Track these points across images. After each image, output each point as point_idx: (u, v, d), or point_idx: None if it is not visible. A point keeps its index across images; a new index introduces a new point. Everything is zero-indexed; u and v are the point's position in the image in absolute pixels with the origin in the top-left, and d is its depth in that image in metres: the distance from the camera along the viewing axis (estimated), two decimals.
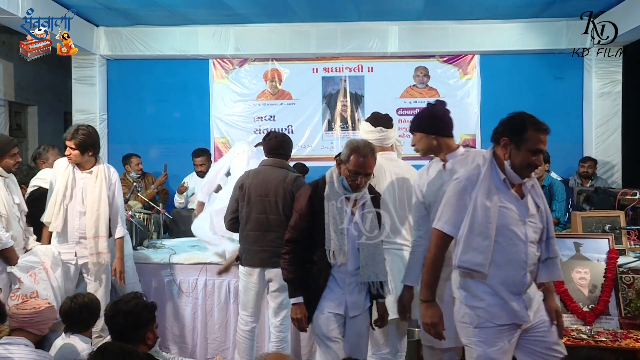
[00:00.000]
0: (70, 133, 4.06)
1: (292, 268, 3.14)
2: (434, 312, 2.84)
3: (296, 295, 3.14)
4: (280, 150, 4.00)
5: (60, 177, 4.12)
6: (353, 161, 3.06)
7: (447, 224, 2.71)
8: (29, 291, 3.89)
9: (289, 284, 3.17)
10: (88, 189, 4.10)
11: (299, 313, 3.12)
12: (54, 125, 8.93)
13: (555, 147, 6.08)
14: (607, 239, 4.27)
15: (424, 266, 2.86)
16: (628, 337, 3.70)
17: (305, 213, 3.15)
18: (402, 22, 7.40)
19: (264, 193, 3.82)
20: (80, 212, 4.11)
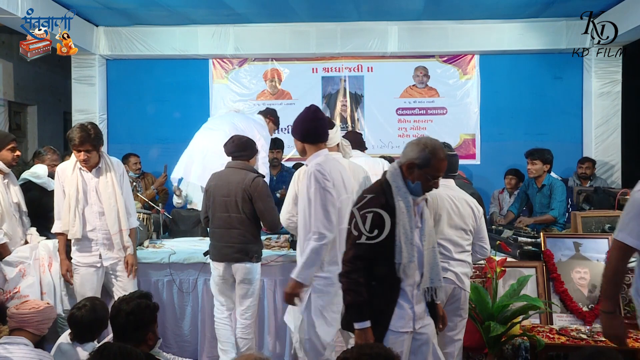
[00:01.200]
0: (80, 137, 3.85)
1: (361, 289, 2.73)
2: (618, 324, 2.73)
3: (364, 319, 2.73)
4: (241, 152, 4.20)
5: (69, 183, 3.97)
6: (435, 164, 2.81)
7: (630, 236, 2.62)
8: (13, 287, 3.91)
9: (358, 307, 2.75)
10: (100, 187, 3.99)
11: (369, 338, 2.73)
12: (53, 125, 8.93)
13: (555, 147, 6.11)
14: (606, 238, 4.28)
15: (603, 277, 2.76)
16: (628, 337, 3.70)
17: (376, 223, 2.78)
18: (402, 22, 7.40)
19: (226, 194, 4.04)
20: (99, 213, 4.01)
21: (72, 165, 4.01)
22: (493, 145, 7.71)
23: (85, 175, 4.02)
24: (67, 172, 4.01)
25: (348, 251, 2.81)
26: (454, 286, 3.39)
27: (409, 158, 2.83)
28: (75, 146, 3.89)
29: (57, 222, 4.03)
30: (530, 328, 3.89)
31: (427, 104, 7.81)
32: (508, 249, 4.42)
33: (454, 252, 3.42)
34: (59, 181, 4.03)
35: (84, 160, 3.92)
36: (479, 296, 3.71)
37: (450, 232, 3.43)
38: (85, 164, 3.97)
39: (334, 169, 3.32)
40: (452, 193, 3.54)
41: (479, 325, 3.69)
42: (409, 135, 7.78)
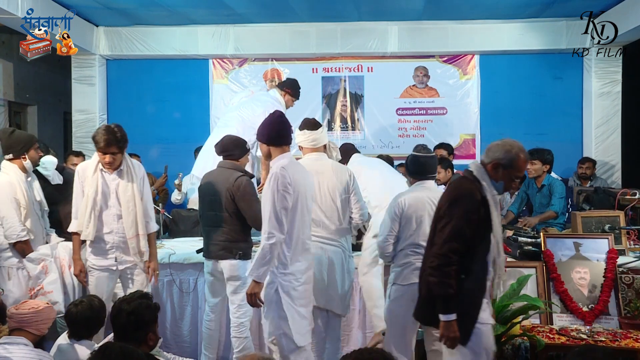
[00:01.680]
0: (106, 139, 3.77)
1: (451, 282, 2.78)
2: None
3: (451, 312, 2.81)
4: (229, 152, 4.26)
5: (89, 183, 3.89)
6: (520, 165, 2.93)
7: None
8: (37, 284, 3.99)
9: (448, 299, 2.81)
10: (120, 190, 3.91)
11: (454, 331, 2.81)
12: (53, 125, 8.93)
13: (555, 147, 6.10)
14: (606, 239, 4.28)
15: None
16: (628, 337, 3.71)
17: (473, 220, 2.82)
18: (402, 22, 7.40)
19: (212, 193, 4.12)
20: (117, 215, 3.92)
21: (94, 166, 3.91)
22: None
23: (107, 177, 3.93)
24: (88, 173, 3.91)
25: (443, 245, 2.82)
26: None
27: (494, 158, 2.93)
28: (102, 149, 3.80)
29: (74, 221, 3.95)
30: (530, 328, 3.89)
31: (427, 104, 7.80)
32: (508, 249, 4.43)
33: None
34: (79, 180, 3.94)
35: (109, 162, 3.84)
36: None
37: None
38: (109, 167, 3.89)
39: (297, 172, 3.41)
40: (432, 194, 3.63)
41: None
42: (409, 136, 7.78)
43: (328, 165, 3.85)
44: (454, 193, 2.93)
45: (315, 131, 3.89)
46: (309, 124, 3.94)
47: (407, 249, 3.59)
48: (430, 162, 3.76)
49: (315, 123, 3.95)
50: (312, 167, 3.77)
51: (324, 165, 3.86)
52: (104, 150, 3.81)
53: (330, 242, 3.79)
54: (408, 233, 3.59)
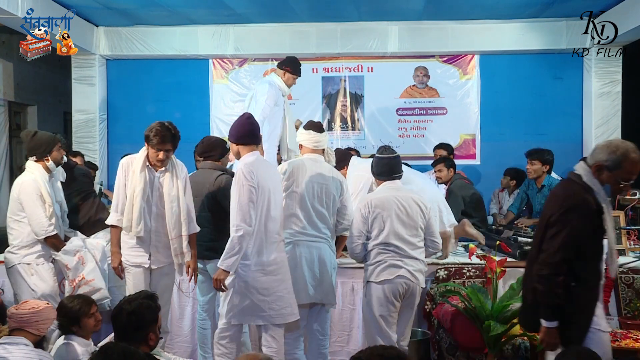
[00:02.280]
0: (163, 136, 3.73)
1: (560, 291, 2.74)
2: None
3: (554, 319, 2.79)
4: (209, 153, 4.35)
5: (135, 179, 3.81)
6: (628, 167, 2.77)
7: None
8: (77, 275, 4.09)
9: (552, 308, 2.79)
10: (165, 189, 3.84)
11: (554, 338, 2.80)
12: (53, 125, 8.93)
13: (555, 147, 6.11)
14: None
15: None
16: (628, 337, 3.71)
17: (587, 230, 2.78)
18: (402, 22, 7.40)
19: (196, 194, 4.14)
20: (156, 214, 3.86)
21: (142, 162, 3.82)
22: (493, 145, 7.70)
23: (152, 175, 3.86)
24: (135, 167, 3.83)
25: (554, 254, 2.76)
26: (409, 282, 3.66)
27: (597, 160, 2.80)
28: (156, 145, 3.74)
29: (114, 214, 3.88)
30: None
31: (427, 104, 7.80)
32: (508, 249, 4.42)
33: (407, 250, 3.68)
34: (123, 173, 3.87)
35: (162, 160, 3.78)
36: (478, 296, 3.72)
37: (402, 231, 3.68)
38: (161, 164, 3.82)
39: (263, 169, 3.56)
40: (398, 194, 3.77)
41: (479, 325, 3.70)
42: (409, 136, 7.79)
43: (326, 170, 3.96)
44: (567, 201, 2.80)
45: (320, 134, 4.00)
46: (315, 125, 4.04)
47: (378, 248, 3.71)
48: (393, 162, 3.86)
49: (320, 126, 4.07)
50: (312, 167, 3.90)
51: (321, 168, 3.96)
52: (160, 147, 3.75)
53: (319, 240, 3.88)
54: (377, 233, 3.71)
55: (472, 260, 4.47)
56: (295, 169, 3.90)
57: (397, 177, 3.87)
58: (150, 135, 3.77)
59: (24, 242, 4.10)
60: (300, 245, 3.82)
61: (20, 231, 4.10)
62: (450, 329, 4.01)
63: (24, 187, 4.07)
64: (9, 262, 4.15)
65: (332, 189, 3.92)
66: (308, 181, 3.86)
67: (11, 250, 4.14)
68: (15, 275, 4.14)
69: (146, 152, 3.85)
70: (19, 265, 4.09)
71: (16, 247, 4.12)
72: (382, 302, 3.65)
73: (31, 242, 4.10)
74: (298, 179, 3.88)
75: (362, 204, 3.81)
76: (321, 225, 3.89)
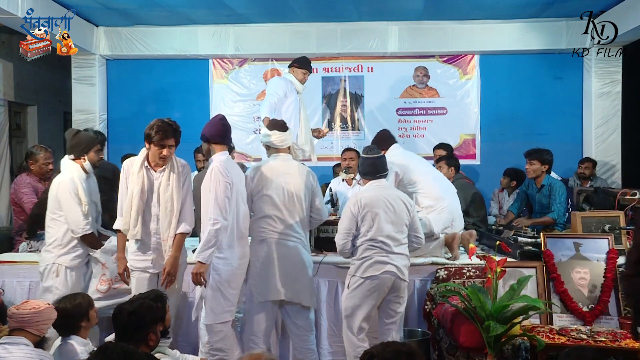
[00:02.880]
0: (165, 131, 3.74)
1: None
2: None
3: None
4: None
5: (134, 180, 3.81)
6: None
7: None
8: (114, 275, 4.10)
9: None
10: (161, 189, 3.82)
11: None
12: (53, 125, 8.93)
13: (555, 147, 6.10)
14: (606, 239, 4.27)
15: None
16: (628, 337, 3.70)
17: None
18: (402, 22, 7.40)
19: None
20: (157, 216, 3.84)
21: (140, 162, 3.82)
22: (493, 145, 7.71)
23: (151, 175, 3.84)
24: (134, 169, 3.83)
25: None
26: (394, 278, 3.80)
27: None
28: (159, 141, 3.72)
29: (119, 219, 3.88)
30: (530, 328, 3.89)
31: (427, 104, 7.81)
32: (508, 249, 4.41)
33: (393, 247, 3.82)
34: (124, 176, 3.89)
35: (165, 156, 3.76)
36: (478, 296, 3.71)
37: (388, 228, 3.82)
38: (164, 162, 3.80)
39: (232, 168, 3.83)
40: (385, 192, 3.93)
41: (479, 325, 3.69)
42: (409, 136, 7.79)
43: (294, 167, 4.10)
44: None
45: (284, 132, 4.12)
46: (278, 125, 4.17)
47: (366, 244, 3.83)
48: (377, 162, 4.00)
49: (284, 124, 4.19)
50: (280, 168, 4.05)
51: (291, 166, 4.09)
52: (162, 143, 3.74)
53: (292, 239, 3.98)
54: (365, 230, 3.83)
55: (472, 260, 4.47)
56: (264, 171, 4.02)
57: (382, 176, 4.01)
58: (151, 132, 3.77)
59: (59, 241, 4.05)
60: (274, 244, 3.93)
61: (57, 229, 4.06)
62: (450, 329, 4.01)
63: (62, 186, 4.04)
64: (44, 262, 4.08)
65: (302, 187, 4.03)
66: (278, 182, 3.99)
67: (47, 249, 4.09)
68: (44, 275, 4.06)
69: (146, 152, 3.84)
70: (52, 265, 4.03)
71: (52, 246, 4.06)
72: (365, 296, 3.79)
73: (67, 242, 4.05)
74: (267, 182, 3.99)
75: (352, 202, 3.91)
76: (294, 224, 3.99)
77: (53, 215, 4.08)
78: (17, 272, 4.70)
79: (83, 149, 4.14)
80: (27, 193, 4.93)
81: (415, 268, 4.66)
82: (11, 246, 5.12)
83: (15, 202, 5.01)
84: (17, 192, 4.96)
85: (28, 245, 4.90)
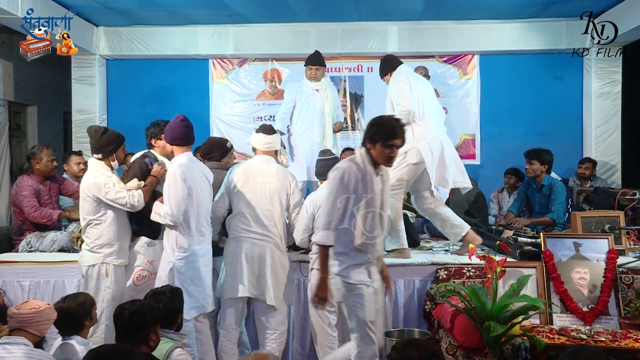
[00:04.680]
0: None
1: None
2: None
3: None
4: (212, 154, 4.62)
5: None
6: None
7: None
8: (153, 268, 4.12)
9: None
10: None
11: None
12: (53, 125, 8.93)
13: (555, 147, 6.10)
14: (606, 239, 4.27)
15: None
16: (628, 337, 3.71)
17: None
18: (402, 22, 7.40)
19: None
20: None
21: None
22: (493, 145, 7.70)
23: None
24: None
25: None
26: None
27: None
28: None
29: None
30: (530, 328, 3.89)
31: None
32: (508, 249, 4.42)
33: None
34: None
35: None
36: (478, 296, 3.72)
37: None
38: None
39: (193, 169, 3.95)
40: None
41: (479, 325, 3.70)
42: None
43: (273, 170, 4.21)
44: None
45: (270, 136, 4.24)
46: (266, 129, 4.30)
47: None
48: (329, 164, 4.18)
49: (271, 128, 4.33)
50: (258, 167, 4.19)
51: (270, 169, 4.20)
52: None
53: (264, 239, 4.09)
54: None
55: (472, 260, 4.47)
56: (243, 170, 4.15)
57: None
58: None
59: (105, 241, 4.02)
60: (243, 241, 4.06)
61: (100, 229, 4.02)
62: (450, 329, 4.01)
63: (98, 184, 4.01)
64: (87, 262, 4.05)
65: (279, 187, 4.15)
66: (254, 181, 4.11)
67: (92, 249, 4.03)
68: (92, 276, 4.03)
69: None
70: (101, 265, 4.01)
71: (97, 247, 4.02)
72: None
73: (112, 241, 4.04)
74: (243, 180, 4.12)
75: (308, 202, 4.18)
76: (268, 223, 4.10)
77: (93, 217, 4.04)
78: (17, 272, 4.70)
79: (112, 149, 4.14)
80: (28, 196, 4.91)
81: (415, 268, 4.67)
82: (11, 246, 5.11)
83: (15, 203, 5.00)
84: (18, 194, 4.95)
85: (28, 245, 4.90)
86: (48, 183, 5.14)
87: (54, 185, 5.18)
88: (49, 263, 4.71)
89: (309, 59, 5.86)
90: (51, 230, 4.99)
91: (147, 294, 3.48)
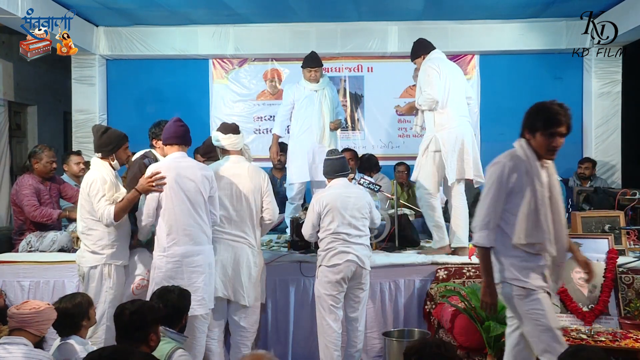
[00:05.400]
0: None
1: None
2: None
3: None
4: (211, 154, 4.65)
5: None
6: None
7: None
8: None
9: None
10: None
11: None
12: (53, 125, 8.93)
13: None
14: (606, 239, 4.28)
15: None
16: (628, 337, 3.71)
17: None
18: (402, 22, 7.40)
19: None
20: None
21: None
22: (493, 145, 7.65)
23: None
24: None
25: None
26: (356, 266, 4.10)
27: None
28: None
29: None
30: None
31: None
32: None
33: (354, 238, 4.13)
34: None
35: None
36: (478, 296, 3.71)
37: (350, 221, 4.13)
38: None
39: (178, 168, 3.89)
40: (344, 190, 4.25)
41: (479, 325, 3.70)
42: (409, 136, 7.78)
43: (244, 169, 4.22)
44: None
45: (237, 135, 4.24)
46: (230, 128, 4.26)
47: (329, 237, 4.15)
48: (336, 163, 4.34)
49: (236, 128, 4.29)
50: (230, 170, 4.18)
51: (241, 168, 4.21)
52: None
53: (238, 240, 4.12)
54: (328, 224, 4.16)
55: (472, 260, 4.47)
56: (215, 172, 4.11)
57: (343, 175, 4.33)
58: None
59: (107, 241, 3.99)
60: (218, 242, 4.06)
61: (102, 230, 3.99)
62: (450, 329, 4.02)
63: (92, 190, 3.98)
64: (88, 263, 4.00)
65: (251, 187, 4.16)
66: (227, 183, 4.12)
67: (94, 251, 3.99)
68: (94, 277, 3.99)
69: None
70: (102, 266, 3.98)
71: (98, 247, 3.98)
72: (332, 283, 4.09)
73: (113, 242, 4.01)
74: (217, 183, 4.09)
75: (315, 200, 4.26)
76: (242, 224, 4.13)
77: (94, 217, 3.99)
78: (17, 272, 4.71)
79: (112, 148, 4.10)
80: (28, 195, 4.91)
81: (415, 268, 4.67)
82: (11, 246, 5.11)
83: (16, 202, 5.00)
84: (19, 193, 4.94)
85: (28, 245, 4.89)
86: (48, 183, 5.13)
87: (54, 185, 5.18)
88: (49, 263, 4.71)
89: (306, 62, 5.81)
90: (51, 230, 4.98)
91: (155, 291, 3.48)
